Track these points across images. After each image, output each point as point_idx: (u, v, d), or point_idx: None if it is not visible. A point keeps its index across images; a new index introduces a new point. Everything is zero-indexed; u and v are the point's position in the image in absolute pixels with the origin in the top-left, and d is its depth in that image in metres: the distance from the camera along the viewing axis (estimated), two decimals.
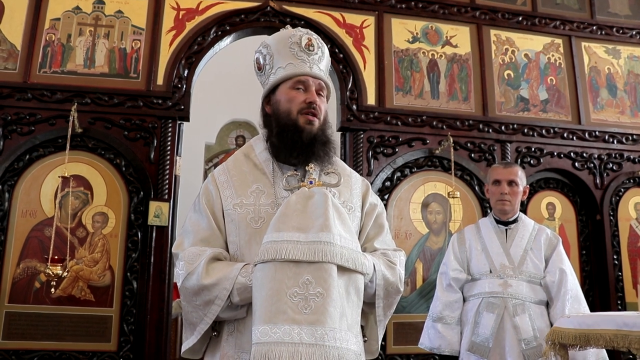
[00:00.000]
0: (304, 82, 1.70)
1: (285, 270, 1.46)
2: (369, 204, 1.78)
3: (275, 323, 1.41)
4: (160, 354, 3.82)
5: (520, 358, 2.72)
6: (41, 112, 3.98)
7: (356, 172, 1.87)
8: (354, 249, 1.54)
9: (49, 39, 4.14)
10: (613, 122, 4.92)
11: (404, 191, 4.43)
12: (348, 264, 1.50)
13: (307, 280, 1.45)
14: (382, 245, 1.75)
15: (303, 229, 1.50)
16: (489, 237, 3.01)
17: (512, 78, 4.81)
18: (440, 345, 2.92)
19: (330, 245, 1.48)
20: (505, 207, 2.97)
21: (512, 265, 2.89)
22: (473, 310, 2.89)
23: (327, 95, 1.78)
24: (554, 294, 2.83)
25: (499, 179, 2.98)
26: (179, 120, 4.18)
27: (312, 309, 1.42)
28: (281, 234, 1.50)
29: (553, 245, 2.95)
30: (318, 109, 1.69)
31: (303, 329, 1.40)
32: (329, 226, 1.50)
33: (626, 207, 4.78)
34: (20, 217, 3.86)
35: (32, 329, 3.71)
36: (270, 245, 1.49)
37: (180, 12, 4.34)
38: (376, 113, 4.44)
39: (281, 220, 1.53)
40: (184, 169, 4.43)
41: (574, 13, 5.09)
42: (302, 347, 1.38)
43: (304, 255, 1.46)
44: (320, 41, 1.78)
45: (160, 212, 3.95)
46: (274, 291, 1.44)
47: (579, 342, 2.22)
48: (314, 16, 4.51)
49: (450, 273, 3.01)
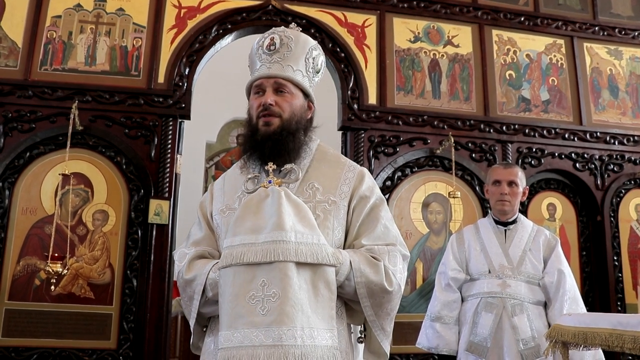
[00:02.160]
0: (259, 85, 1.72)
1: (243, 274, 1.46)
2: (359, 197, 1.70)
3: (236, 328, 1.43)
4: (160, 351, 3.82)
5: (518, 358, 2.73)
6: (42, 110, 3.97)
7: (354, 163, 1.81)
8: (315, 243, 1.50)
9: (50, 36, 4.13)
10: (614, 123, 4.91)
11: (404, 191, 4.43)
12: (308, 259, 1.47)
13: (263, 281, 1.45)
14: (373, 241, 1.65)
15: (257, 230, 1.50)
16: (488, 238, 3.01)
17: (514, 78, 4.81)
18: (438, 344, 2.92)
19: (284, 244, 1.46)
20: (505, 208, 2.97)
21: (511, 266, 2.90)
22: (471, 310, 2.89)
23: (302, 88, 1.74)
24: (552, 294, 2.84)
25: (499, 179, 2.98)
26: (179, 118, 4.18)
27: (268, 310, 1.41)
28: (237, 238, 1.51)
29: (552, 246, 2.96)
30: (276, 108, 1.67)
31: (261, 331, 1.40)
32: (282, 224, 1.48)
33: (627, 209, 4.77)
34: (20, 214, 3.86)
35: (32, 326, 3.71)
36: (228, 250, 1.51)
37: (181, 10, 4.34)
38: (377, 112, 4.44)
39: (237, 223, 1.54)
40: (185, 167, 4.43)
41: (576, 14, 5.08)
42: (260, 349, 1.38)
43: (258, 257, 1.46)
44: (287, 34, 1.74)
45: (160, 210, 3.94)
46: (233, 296, 1.46)
47: (577, 340, 2.21)
48: (315, 15, 4.51)
49: (449, 273, 3.01)
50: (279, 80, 1.70)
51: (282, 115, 1.68)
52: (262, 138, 1.67)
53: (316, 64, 1.80)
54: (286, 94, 1.71)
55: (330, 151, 1.81)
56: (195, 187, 7.98)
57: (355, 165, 1.79)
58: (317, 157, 1.76)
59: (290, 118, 1.69)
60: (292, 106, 1.71)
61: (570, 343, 2.28)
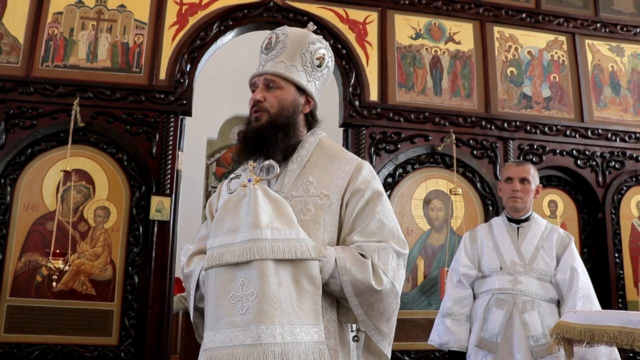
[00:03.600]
0: (253, 84, 1.77)
1: (223, 275, 1.48)
2: (352, 191, 1.65)
3: (218, 329, 1.44)
4: (161, 348, 3.83)
5: (528, 354, 2.71)
6: (43, 106, 3.98)
7: (354, 157, 1.76)
8: (293, 239, 1.49)
9: (52, 32, 4.13)
10: (616, 120, 4.90)
11: (405, 188, 4.43)
12: (285, 255, 1.46)
13: (242, 281, 1.45)
14: (365, 237, 1.60)
15: (234, 230, 1.51)
16: (500, 235, 3.01)
17: (515, 75, 4.80)
18: (448, 340, 2.90)
19: (260, 242, 1.46)
20: (517, 205, 2.96)
21: (523, 263, 2.88)
22: (482, 306, 2.88)
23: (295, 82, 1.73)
24: (565, 292, 2.82)
25: (511, 176, 2.97)
26: (181, 115, 4.18)
27: (247, 310, 1.42)
28: (217, 239, 1.53)
29: (565, 243, 2.95)
30: (264, 103, 1.70)
31: (240, 331, 1.41)
32: (257, 222, 1.48)
33: (628, 206, 4.77)
34: (22, 210, 3.86)
35: (34, 322, 3.72)
36: (210, 251, 1.52)
37: (183, 6, 4.33)
38: (378, 109, 4.44)
39: (217, 224, 1.55)
40: (186, 164, 4.43)
41: (578, 10, 5.07)
42: (240, 349, 1.39)
43: (236, 257, 1.47)
44: (284, 32, 1.77)
45: (162, 207, 3.95)
46: (215, 297, 1.47)
47: (583, 338, 2.20)
48: (316, 11, 4.50)
49: (460, 269, 3.00)
50: (268, 76, 1.72)
51: (270, 111, 1.69)
52: (250, 133, 1.69)
53: (313, 58, 1.77)
54: (275, 90, 1.72)
55: (331, 145, 1.78)
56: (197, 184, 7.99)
57: (355, 158, 1.74)
58: (317, 151, 1.74)
59: (279, 113, 1.69)
60: (281, 101, 1.71)
61: (575, 340, 2.28)
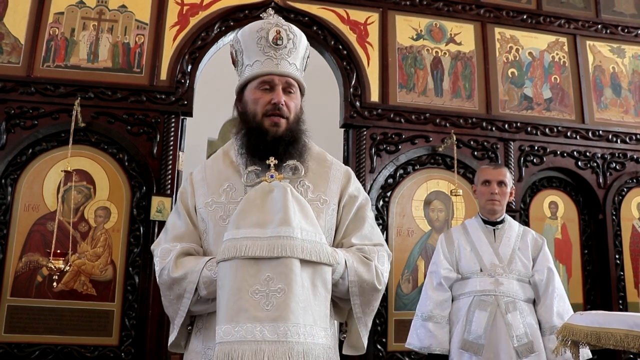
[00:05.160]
0: (269, 82, 1.66)
1: (246, 268, 1.44)
2: (348, 196, 1.72)
3: (238, 322, 1.40)
4: (162, 348, 3.82)
5: (513, 354, 2.76)
6: (44, 106, 3.98)
7: (339, 162, 1.80)
8: (318, 241, 1.51)
9: (53, 33, 4.13)
10: (617, 121, 4.91)
11: (406, 188, 4.43)
12: (311, 257, 1.47)
13: (268, 276, 1.43)
14: (361, 240, 1.68)
15: (262, 224, 1.48)
16: (477, 237, 3.05)
17: (516, 76, 4.80)
18: (431, 344, 2.92)
19: (291, 240, 1.45)
20: (495, 207, 3.02)
21: (502, 264, 2.95)
22: (464, 308, 2.92)
23: (302, 88, 1.73)
24: (542, 292, 2.91)
25: (489, 179, 3.02)
26: (182, 115, 4.18)
27: (273, 306, 1.40)
28: (240, 231, 1.49)
29: (539, 245, 3.04)
30: (285, 109, 1.65)
31: (265, 326, 1.39)
32: (288, 220, 1.47)
33: (629, 207, 4.77)
34: (22, 210, 3.87)
35: (34, 322, 3.72)
36: (230, 242, 1.48)
37: (184, 7, 4.34)
38: (379, 110, 4.44)
39: (240, 216, 1.51)
40: (187, 164, 4.42)
41: (579, 12, 5.07)
42: (264, 345, 1.37)
43: (264, 252, 1.44)
44: (291, 30, 1.71)
45: (162, 207, 3.95)
46: (235, 289, 1.43)
47: (590, 340, 2.20)
48: (317, 12, 4.50)
49: (441, 272, 3.03)
50: (290, 80, 1.68)
51: (289, 117, 1.67)
52: (271, 139, 1.63)
53: (306, 62, 1.80)
54: (292, 94, 1.69)
55: (316, 148, 1.79)
56: None
57: (341, 163, 1.81)
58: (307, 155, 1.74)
59: (294, 119, 1.69)
60: (296, 107, 1.70)
61: (581, 342, 2.27)
